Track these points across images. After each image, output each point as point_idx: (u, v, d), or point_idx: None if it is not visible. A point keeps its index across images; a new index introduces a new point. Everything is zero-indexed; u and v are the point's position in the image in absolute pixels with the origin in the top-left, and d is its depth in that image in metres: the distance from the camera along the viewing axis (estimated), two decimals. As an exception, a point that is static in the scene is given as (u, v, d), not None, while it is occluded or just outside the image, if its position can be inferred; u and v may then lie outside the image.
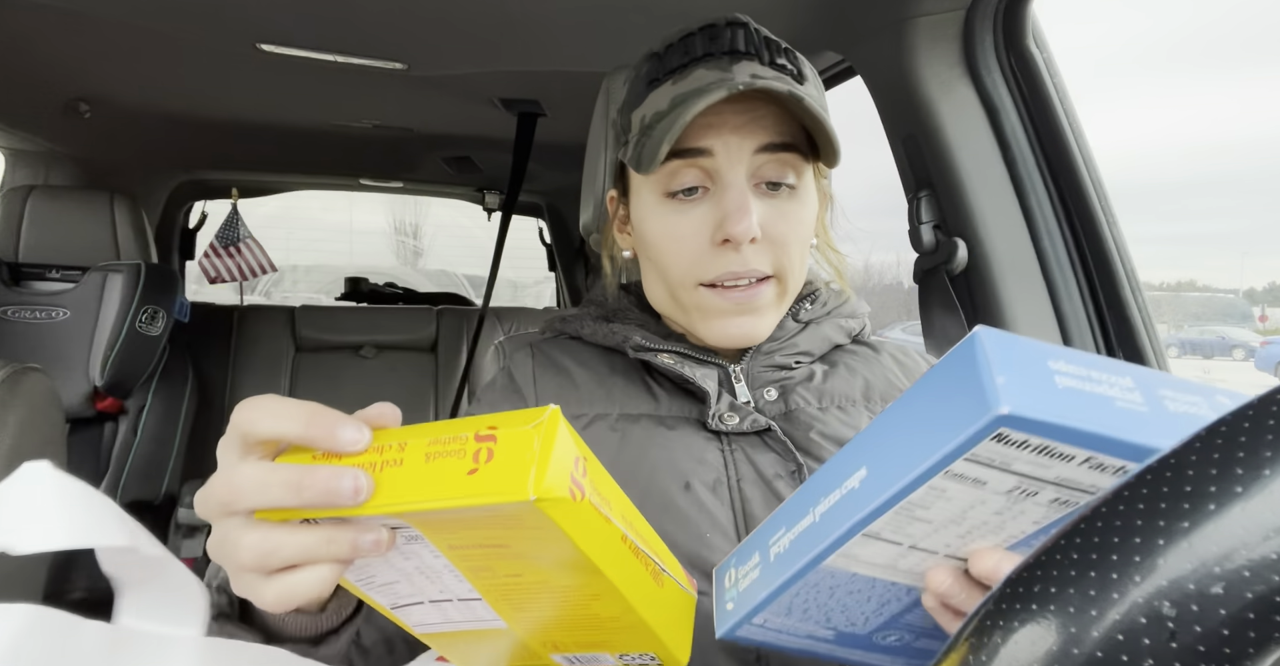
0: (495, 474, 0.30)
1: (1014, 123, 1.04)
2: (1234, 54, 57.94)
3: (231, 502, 0.33)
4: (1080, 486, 0.30)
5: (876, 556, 0.34)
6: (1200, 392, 0.30)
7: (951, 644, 0.20)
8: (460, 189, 2.68)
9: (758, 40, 0.60)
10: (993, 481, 0.30)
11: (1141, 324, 1.01)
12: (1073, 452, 0.28)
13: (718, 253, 0.58)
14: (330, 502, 0.31)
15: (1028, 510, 0.31)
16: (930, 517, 0.32)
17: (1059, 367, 0.29)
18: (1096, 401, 0.28)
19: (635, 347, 0.63)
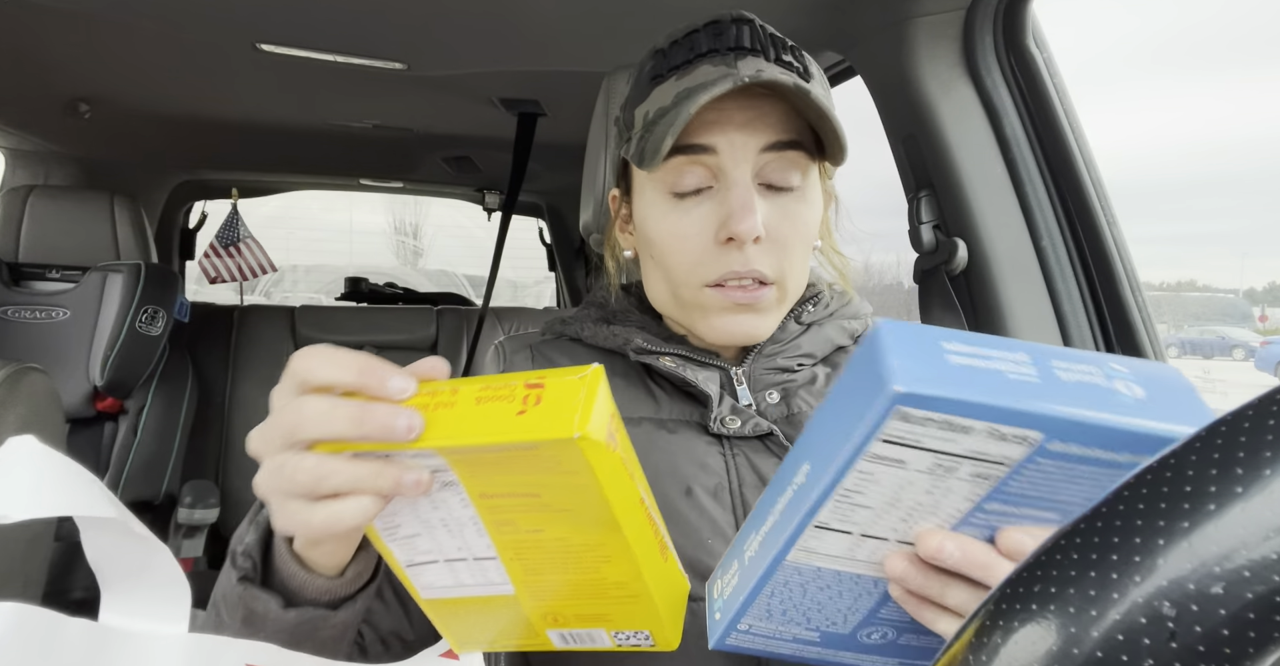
0: (543, 415, 0.34)
1: (1014, 123, 1.04)
2: (1234, 54, 57.94)
3: (297, 429, 0.35)
4: (991, 458, 0.31)
5: (832, 547, 0.36)
6: (1094, 362, 0.32)
7: (951, 643, 0.20)
8: (460, 189, 2.68)
9: (763, 36, 0.59)
10: (911, 460, 0.32)
11: (1141, 324, 1.01)
12: (971, 424, 0.30)
13: (721, 252, 0.57)
14: (386, 436, 0.34)
15: (954, 487, 0.33)
16: (868, 502, 0.34)
17: (953, 348, 0.31)
18: (987, 375, 0.30)
19: (636, 350, 0.62)
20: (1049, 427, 0.30)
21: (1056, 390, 0.30)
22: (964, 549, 0.34)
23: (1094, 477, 0.31)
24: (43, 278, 1.74)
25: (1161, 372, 0.33)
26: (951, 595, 0.36)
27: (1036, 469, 0.31)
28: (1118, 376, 0.32)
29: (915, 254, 1.12)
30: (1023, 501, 0.33)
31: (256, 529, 0.45)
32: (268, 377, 2.12)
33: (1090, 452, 0.30)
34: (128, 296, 1.73)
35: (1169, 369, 0.33)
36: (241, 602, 0.43)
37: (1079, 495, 0.32)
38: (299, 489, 0.35)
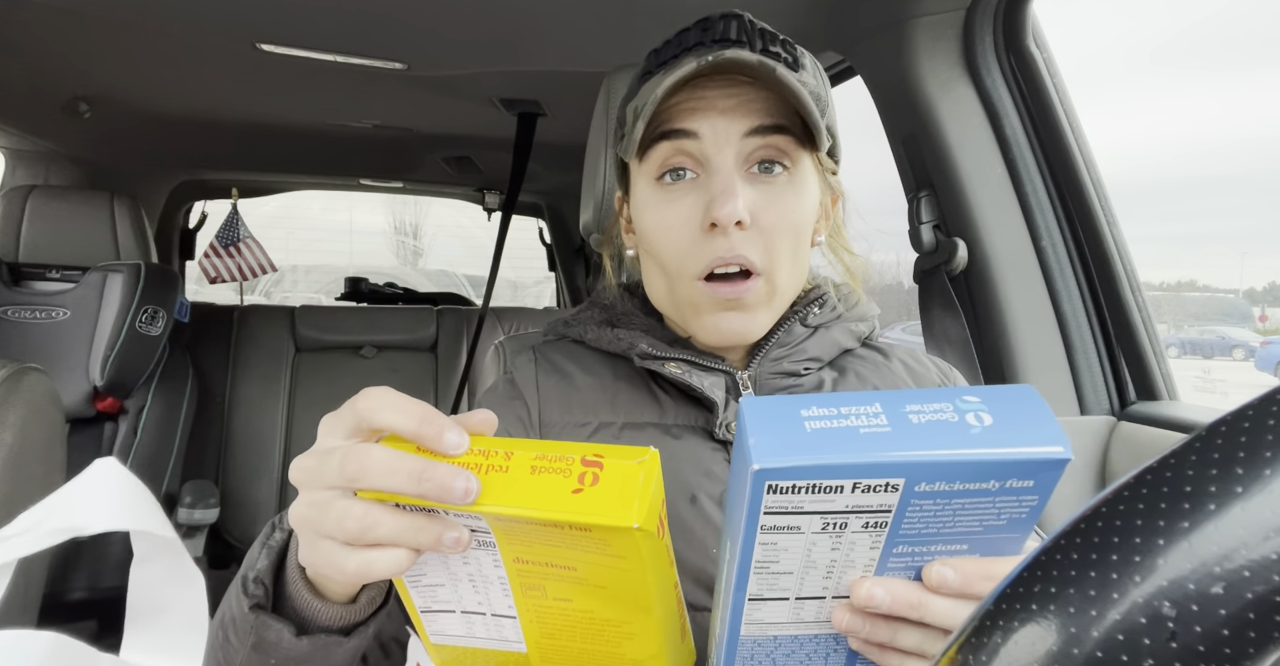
0: (600, 498, 0.34)
1: (1014, 123, 1.03)
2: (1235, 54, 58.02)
3: (358, 477, 0.35)
4: (872, 508, 0.33)
5: (776, 615, 0.37)
6: (945, 399, 0.33)
7: (951, 644, 0.20)
8: (460, 189, 2.68)
9: (751, 30, 0.59)
10: (803, 524, 0.33)
11: (1141, 324, 1.01)
12: (838, 484, 0.32)
13: (707, 239, 0.56)
14: (443, 497, 0.34)
15: (855, 540, 0.34)
16: (787, 568, 0.35)
17: (810, 414, 0.33)
18: (842, 434, 0.32)
19: (641, 355, 0.62)
20: (906, 472, 0.31)
21: (908, 436, 0.32)
22: (891, 591, 0.35)
23: (977, 507, 0.33)
24: (43, 278, 1.74)
25: (1013, 395, 0.34)
26: (902, 638, 0.36)
27: (918, 510, 0.33)
28: (968, 409, 0.33)
29: (915, 254, 1.12)
30: (924, 540, 0.34)
31: (269, 554, 0.44)
32: (268, 378, 2.12)
33: (957, 486, 0.32)
34: (128, 296, 1.73)
35: (1022, 389, 0.34)
36: (253, 630, 0.43)
37: (974, 524, 0.33)
38: (342, 534, 0.35)
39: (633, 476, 0.34)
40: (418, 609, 0.41)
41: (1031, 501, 0.33)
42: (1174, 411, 0.96)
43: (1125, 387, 1.04)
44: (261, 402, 2.09)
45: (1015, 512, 0.33)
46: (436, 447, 0.36)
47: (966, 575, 0.34)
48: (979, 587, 0.34)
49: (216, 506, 1.81)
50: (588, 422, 0.62)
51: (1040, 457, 0.31)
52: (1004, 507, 0.33)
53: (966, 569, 0.34)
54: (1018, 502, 0.33)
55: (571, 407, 0.63)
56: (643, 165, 0.59)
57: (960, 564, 0.35)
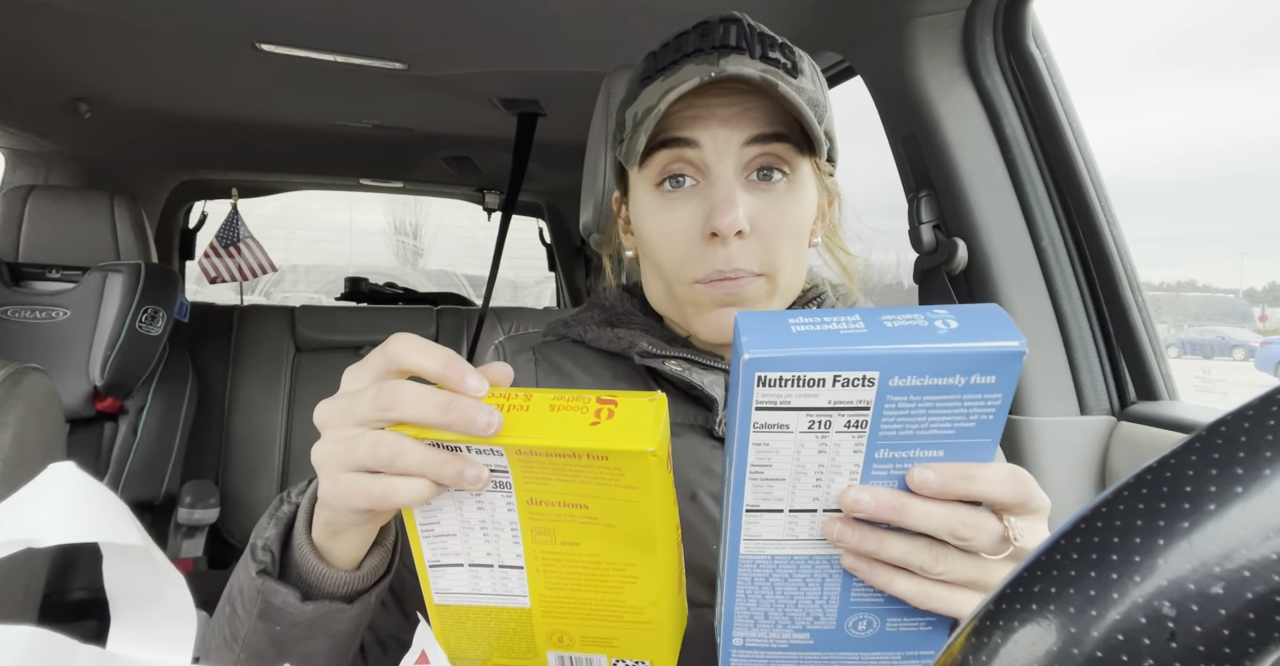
0: (617, 428, 0.36)
1: (1014, 123, 1.03)
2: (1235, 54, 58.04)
3: (390, 408, 0.37)
4: (852, 404, 0.36)
5: (772, 530, 0.39)
6: (918, 311, 0.37)
7: (951, 644, 0.20)
8: (460, 189, 2.68)
9: (750, 35, 0.59)
10: (791, 422, 0.36)
11: (1141, 324, 1.01)
12: (819, 376, 0.35)
13: (706, 248, 0.57)
14: (467, 428, 0.36)
15: (839, 441, 0.37)
16: (778, 474, 0.38)
17: (796, 321, 0.37)
18: (824, 334, 0.36)
19: (641, 354, 0.62)
20: (881, 365, 0.35)
21: (882, 335, 0.35)
22: (875, 495, 0.37)
23: (947, 406, 0.36)
24: (43, 278, 1.74)
25: (979, 308, 0.37)
26: (889, 547, 0.38)
27: (894, 407, 0.36)
28: (936, 317, 0.37)
29: (915, 254, 1.12)
30: (903, 443, 0.37)
31: (278, 523, 0.46)
32: (268, 378, 2.12)
33: (927, 381, 0.35)
34: (128, 296, 1.73)
35: (989, 306, 0.38)
36: (260, 596, 0.44)
37: (946, 425, 0.36)
38: (373, 461, 0.37)
39: (645, 411, 0.37)
40: (427, 563, 0.42)
41: (996, 400, 0.36)
42: (1174, 411, 0.96)
43: (1125, 387, 1.04)
44: (261, 402, 2.09)
45: (982, 412, 0.36)
46: (459, 388, 0.38)
47: (945, 475, 0.37)
48: (957, 487, 0.37)
49: (216, 506, 1.81)
50: None
51: (999, 350, 0.35)
52: (971, 406, 0.36)
53: (945, 470, 0.37)
54: (983, 401, 0.36)
55: None
56: (642, 171, 0.60)
57: (939, 467, 0.37)
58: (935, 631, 0.41)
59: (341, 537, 0.44)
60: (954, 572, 0.38)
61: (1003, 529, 0.38)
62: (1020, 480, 0.38)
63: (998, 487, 0.37)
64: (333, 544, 0.44)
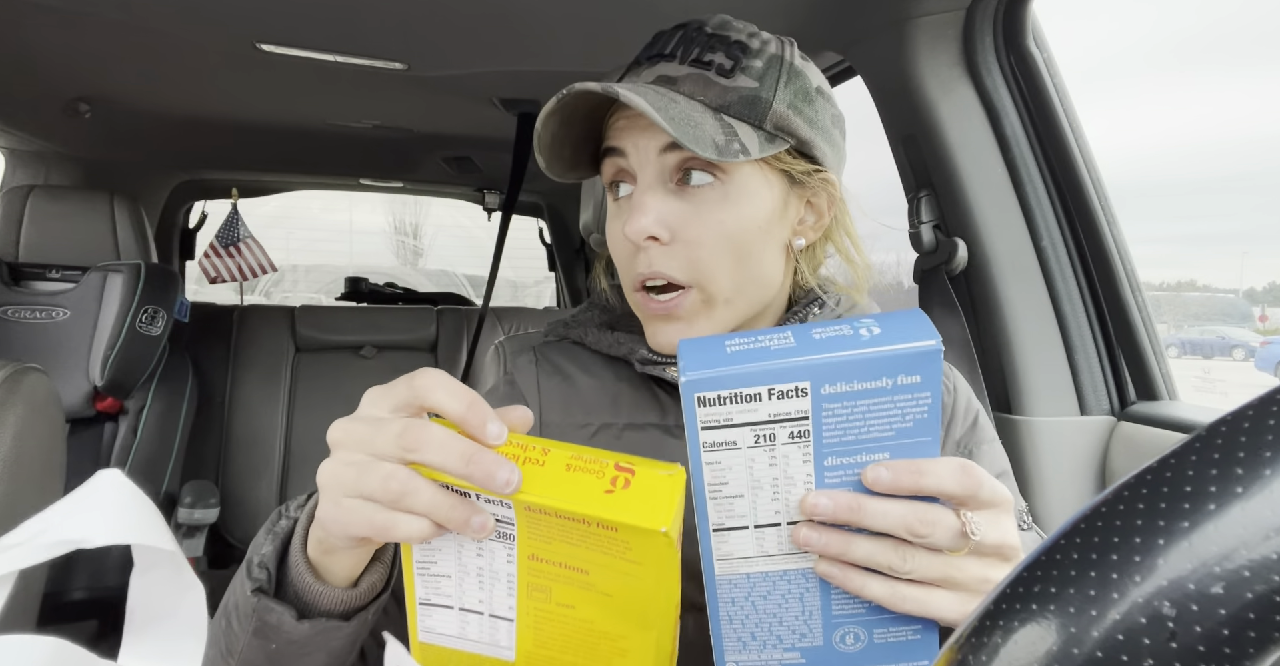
0: (632, 500, 0.36)
1: (1014, 123, 1.03)
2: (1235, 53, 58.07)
3: (412, 449, 0.37)
4: (790, 415, 0.38)
5: (741, 548, 0.40)
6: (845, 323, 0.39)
7: (951, 644, 0.20)
8: (460, 189, 2.68)
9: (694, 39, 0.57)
10: (737, 438, 0.38)
11: (1141, 324, 1.01)
12: (755, 391, 0.37)
13: (635, 255, 0.58)
14: (486, 483, 0.36)
15: (787, 453, 0.38)
16: (736, 490, 0.39)
17: (731, 343, 0.39)
18: (755, 351, 0.38)
19: (641, 361, 0.62)
20: (811, 375, 0.37)
21: (809, 347, 0.38)
22: (832, 498, 0.39)
23: (881, 408, 0.38)
24: (43, 278, 1.74)
25: (902, 313, 0.39)
26: (855, 549, 0.39)
27: (831, 414, 0.38)
28: (861, 326, 0.39)
29: (915, 254, 1.12)
30: (849, 448, 0.39)
31: (274, 540, 0.45)
32: (268, 378, 2.12)
33: (856, 386, 0.37)
34: (128, 296, 1.73)
35: (912, 311, 0.40)
36: (255, 614, 0.43)
37: (885, 428, 0.38)
38: (382, 494, 0.37)
39: (662, 485, 0.37)
40: (417, 600, 0.41)
41: (925, 398, 0.37)
42: (1174, 411, 0.96)
43: (1125, 387, 1.04)
44: (261, 403, 2.09)
45: (916, 412, 0.38)
46: (479, 434, 0.38)
47: (896, 471, 0.38)
48: (907, 481, 0.38)
49: (216, 506, 1.81)
50: (589, 423, 0.62)
51: (916, 350, 0.36)
52: (905, 407, 0.38)
53: (896, 466, 0.38)
54: (914, 401, 0.37)
55: (573, 409, 0.63)
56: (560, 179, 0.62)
57: (891, 463, 0.39)
58: (924, 640, 0.41)
59: (337, 556, 0.43)
60: (921, 570, 0.39)
61: (960, 524, 0.39)
62: (968, 471, 0.39)
63: (947, 480, 0.38)
64: (328, 561, 0.43)
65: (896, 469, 0.38)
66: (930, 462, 0.38)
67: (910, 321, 0.38)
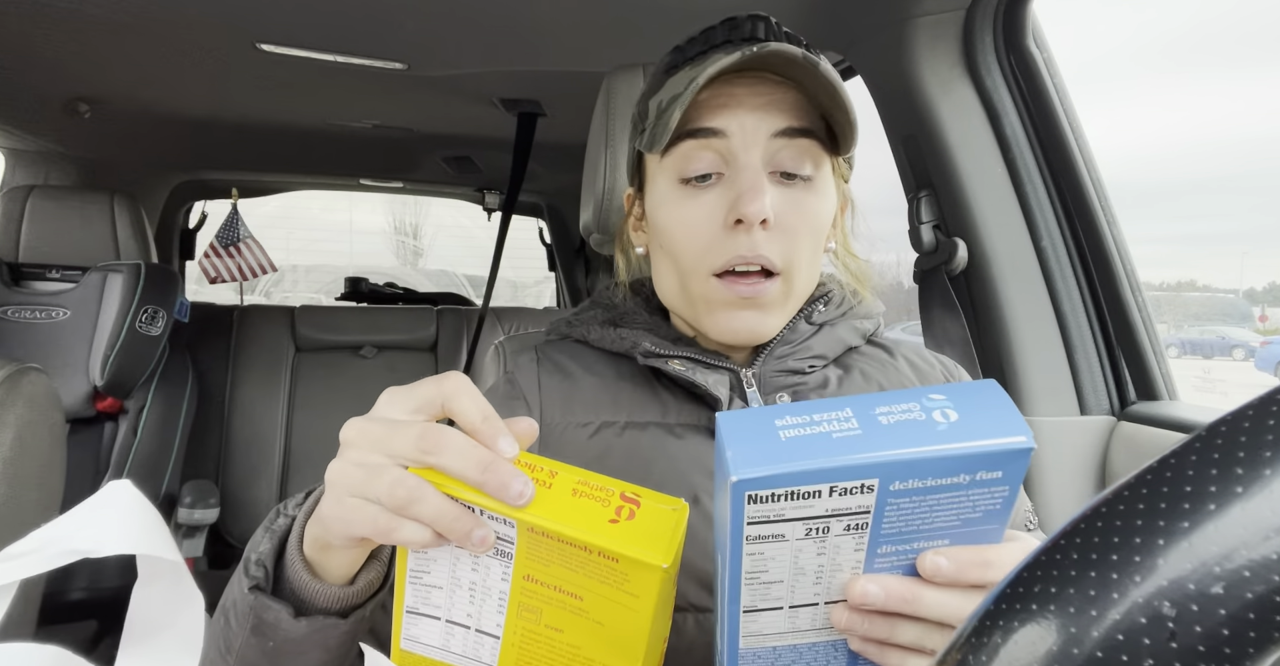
0: (636, 532, 0.36)
1: (1014, 123, 1.03)
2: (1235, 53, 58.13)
3: (431, 453, 0.37)
4: (851, 510, 0.34)
5: (773, 626, 0.38)
6: (913, 398, 0.35)
7: (951, 644, 0.20)
8: (460, 189, 2.68)
9: (778, 32, 0.59)
10: (787, 531, 0.34)
11: (1141, 324, 1.01)
12: (815, 488, 0.33)
13: (729, 236, 0.56)
14: (499, 493, 0.36)
15: (838, 543, 0.35)
16: (777, 577, 0.36)
17: (783, 423, 0.34)
18: (815, 440, 0.33)
19: (645, 354, 0.61)
20: (879, 473, 0.33)
21: (878, 437, 0.33)
22: (885, 587, 0.36)
23: (952, 502, 0.34)
24: (43, 278, 1.74)
25: (977, 391, 0.35)
26: (900, 633, 0.37)
27: (895, 508, 0.34)
28: (934, 407, 0.34)
29: (915, 254, 1.12)
30: (906, 537, 0.35)
31: (272, 538, 0.45)
32: (268, 378, 2.12)
33: (929, 483, 0.33)
34: (128, 296, 1.73)
35: (986, 384, 0.35)
36: (252, 612, 0.43)
37: (951, 518, 0.35)
38: (389, 499, 0.37)
39: (666, 520, 0.36)
40: (405, 607, 0.41)
41: (1002, 492, 0.34)
42: (1174, 411, 0.96)
43: (1125, 387, 1.04)
44: (261, 402, 2.09)
45: (989, 504, 0.34)
46: (490, 445, 0.37)
47: (960, 562, 0.35)
48: (972, 574, 0.35)
49: (216, 506, 1.81)
50: (590, 422, 0.61)
51: (1004, 448, 0.32)
52: (977, 500, 0.34)
53: (959, 556, 0.35)
54: (989, 494, 0.34)
55: (574, 407, 0.62)
56: (664, 161, 0.59)
57: (953, 552, 0.35)
58: None
59: (334, 553, 0.43)
60: None
61: None
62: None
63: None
64: (325, 558, 0.43)
65: (960, 560, 0.35)
66: (996, 552, 0.35)
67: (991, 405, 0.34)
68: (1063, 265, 1.04)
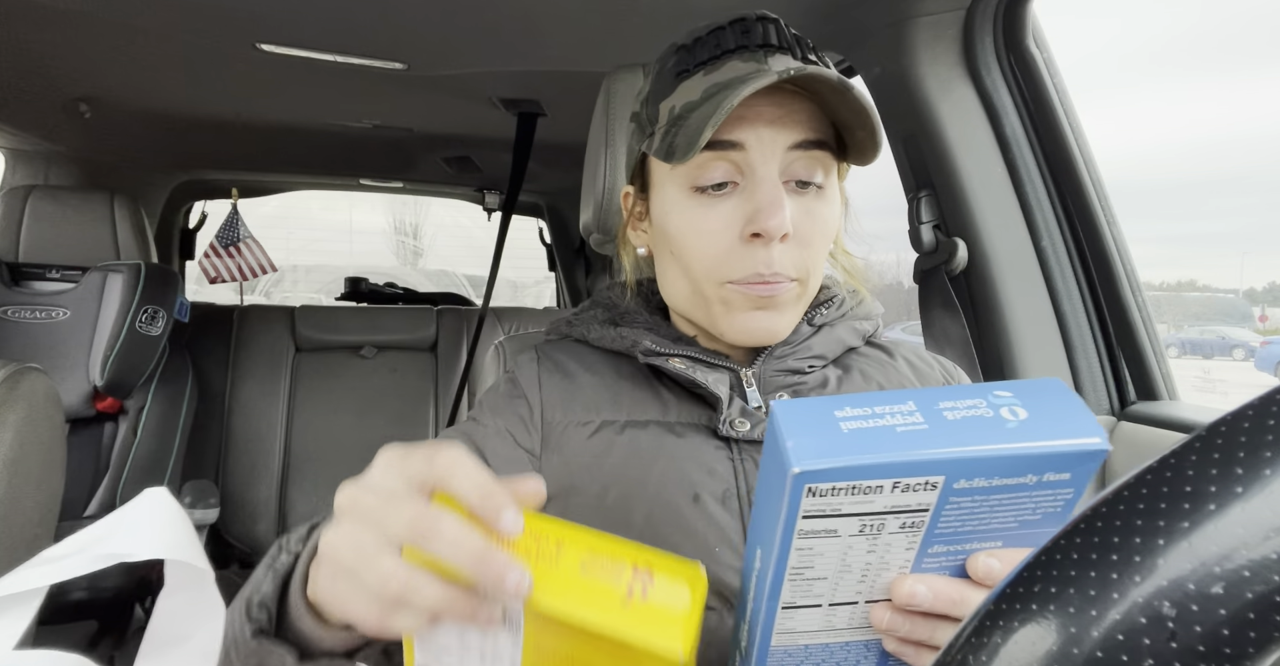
0: (649, 615, 0.33)
1: (1014, 123, 1.03)
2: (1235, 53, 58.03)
3: (423, 538, 0.34)
4: (910, 508, 0.33)
5: (809, 623, 0.37)
6: (978, 394, 0.33)
7: (952, 644, 0.20)
8: (460, 189, 2.68)
9: (789, 36, 0.59)
10: (840, 527, 0.33)
11: (1141, 324, 1.01)
12: (877, 483, 0.31)
13: (746, 250, 0.56)
14: (494, 588, 0.34)
15: (891, 541, 0.34)
16: (821, 574, 0.35)
17: (844, 415, 0.33)
18: (879, 434, 0.32)
19: (645, 352, 0.62)
20: (947, 470, 0.31)
21: (944, 432, 0.32)
22: (933, 588, 0.35)
23: (1014, 503, 0.33)
24: (43, 278, 1.74)
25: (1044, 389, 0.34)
26: (941, 635, 0.36)
27: (955, 507, 0.33)
28: (1001, 404, 0.33)
29: (915, 254, 1.12)
30: (960, 537, 0.34)
31: (274, 578, 0.44)
32: (268, 378, 2.12)
33: (995, 482, 0.32)
34: (128, 296, 1.73)
35: (1051, 382, 0.34)
36: (256, 655, 0.42)
37: (1008, 520, 0.34)
38: (380, 593, 0.34)
39: (682, 598, 0.34)
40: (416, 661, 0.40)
41: (1067, 494, 0.33)
42: (1174, 411, 0.96)
43: (1125, 387, 1.04)
44: (261, 402, 2.09)
45: (1050, 507, 0.33)
46: (493, 524, 0.35)
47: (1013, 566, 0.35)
48: None
49: (216, 506, 1.81)
50: (590, 421, 0.61)
51: (1078, 449, 0.31)
52: (1040, 502, 0.33)
53: (1013, 559, 0.34)
54: (1053, 496, 0.33)
55: (574, 406, 0.62)
56: (675, 167, 0.59)
57: (1006, 554, 0.35)
58: None
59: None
60: None
61: None
62: None
63: None
64: (331, 608, 0.42)
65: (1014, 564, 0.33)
66: None
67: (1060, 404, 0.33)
68: (1063, 265, 1.04)
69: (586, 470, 0.59)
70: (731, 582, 0.54)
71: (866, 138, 0.56)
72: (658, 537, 0.55)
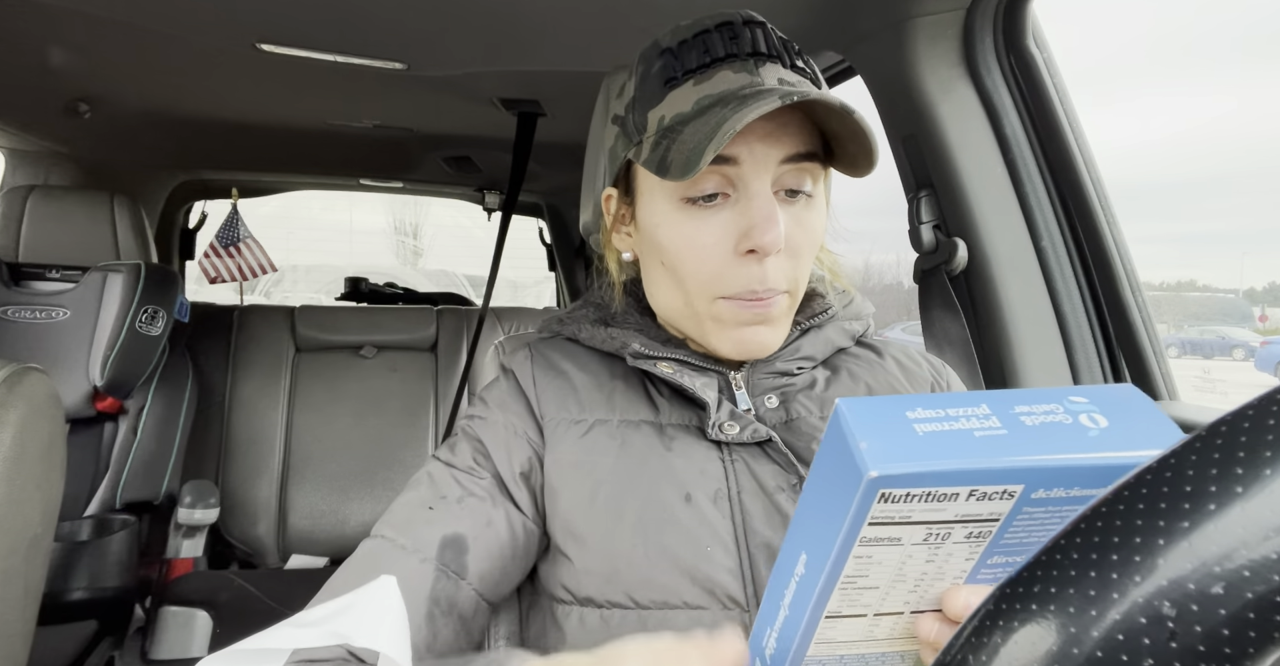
0: None
1: (1014, 123, 1.03)
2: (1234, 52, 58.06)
3: None
4: (981, 517, 0.31)
5: (849, 634, 0.35)
6: (1055, 399, 0.32)
7: (951, 644, 0.20)
8: (460, 189, 2.68)
9: (777, 43, 0.59)
10: (905, 535, 0.32)
11: (1141, 324, 1.01)
12: (954, 491, 0.30)
13: (740, 265, 0.56)
14: None
15: (952, 550, 0.33)
16: (874, 583, 0.33)
17: (917, 416, 0.31)
18: (956, 438, 0.30)
19: (634, 355, 0.62)
20: (1028, 478, 0.30)
21: (1025, 439, 0.30)
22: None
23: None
24: (43, 278, 1.74)
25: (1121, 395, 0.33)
26: None
27: (1026, 518, 0.32)
28: (1079, 410, 0.32)
29: (915, 254, 1.12)
30: (1022, 549, 0.33)
31: None
32: (268, 378, 2.12)
33: (1074, 493, 0.31)
34: (128, 296, 1.73)
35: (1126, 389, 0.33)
36: None
37: None
38: None
39: None
40: None
41: None
42: (1174, 411, 0.96)
43: (1125, 387, 1.04)
44: (261, 402, 2.09)
45: None
46: None
47: None
48: None
49: (216, 506, 1.81)
50: (583, 419, 0.62)
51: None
52: None
53: None
54: None
55: (568, 404, 0.63)
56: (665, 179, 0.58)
57: None
58: None
59: None
60: None
61: None
62: None
63: None
64: None
65: None
66: None
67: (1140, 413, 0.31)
68: (1063, 265, 1.04)
69: (579, 468, 0.59)
70: (725, 582, 0.54)
71: (861, 153, 0.56)
72: (649, 536, 0.55)
